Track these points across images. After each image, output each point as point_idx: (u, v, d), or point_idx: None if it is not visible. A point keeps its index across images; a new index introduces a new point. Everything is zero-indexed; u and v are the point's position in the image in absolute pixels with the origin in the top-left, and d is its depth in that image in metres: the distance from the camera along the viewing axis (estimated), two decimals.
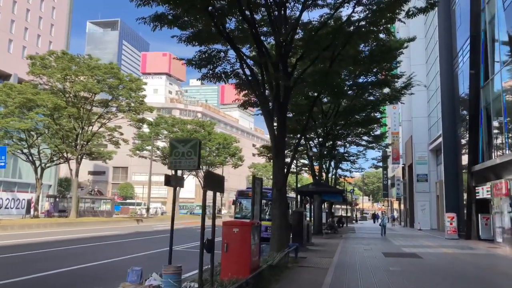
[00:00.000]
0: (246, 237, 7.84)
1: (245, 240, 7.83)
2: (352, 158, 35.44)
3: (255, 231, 8.32)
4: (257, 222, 8.48)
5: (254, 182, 9.79)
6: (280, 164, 13.28)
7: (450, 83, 27.65)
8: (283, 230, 13.09)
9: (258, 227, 8.51)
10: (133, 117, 32.83)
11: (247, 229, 7.90)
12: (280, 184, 13.19)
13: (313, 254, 15.23)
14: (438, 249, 18.26)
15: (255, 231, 8.27)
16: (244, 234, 7.85)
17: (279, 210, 13.07)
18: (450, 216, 24.98)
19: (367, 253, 16.00)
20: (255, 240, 8.22)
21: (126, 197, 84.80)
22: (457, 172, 26.66)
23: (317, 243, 20.27)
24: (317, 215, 28.20)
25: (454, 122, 27.21)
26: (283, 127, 13.48)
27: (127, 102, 32.53)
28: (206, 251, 6.65)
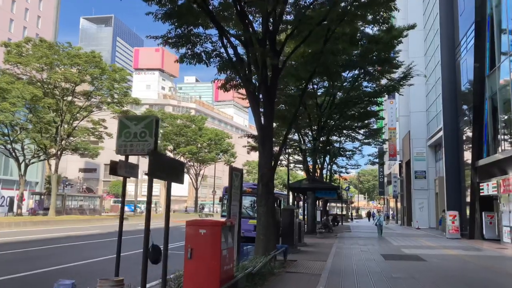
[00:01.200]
0: (216, 240, 6.19)
1: (214, 244, 6.18)
2: (348, 154, 33.89)
3: (228, 233, 6.68)
4: (230, 222, 6.82)
5: (231, 174, 8.14)
6: (267, 155, 11.64)
7: (452, 74, 26.12)
8: (270, 230, 11.47)
9: (231, 227, 6.86)
10: (115, 109, 30.96)
11: (216, 230, 6.25)
12: (267, 178, 11.56)
13: (305, 257, 13.62)
14: (441, 250, 16.71)
15: (228, 232, 6.63)
16: (213, 237, 6.20)
17: (265, 207, 11.45)
18: (452, 215, 23.46)
19: (364, 255, 14.42)
20: (228, 244, 6.58)
21: (118, 195, 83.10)
22: (459, 167, 25.16)
23: (310, 244, 18.67)
24: (311, 213, 26.60)
25: (455, 115, 25.68)
26: (271, 113, 11.84)
27: (110, 93, 30.69)
28: (151, 262, 4.99)
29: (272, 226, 11.54)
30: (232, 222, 6.92)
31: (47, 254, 13.55)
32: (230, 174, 8.13)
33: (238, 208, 8.67)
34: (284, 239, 14.86)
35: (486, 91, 21.19)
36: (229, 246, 6.59)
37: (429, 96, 37.04)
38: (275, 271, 9.97)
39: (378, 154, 43.14)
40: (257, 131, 11.78)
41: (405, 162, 42.36)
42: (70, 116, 30.88)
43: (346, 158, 33.81)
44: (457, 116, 25.61)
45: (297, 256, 13.85)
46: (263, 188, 11.56)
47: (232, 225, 6.87)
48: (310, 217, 26.51)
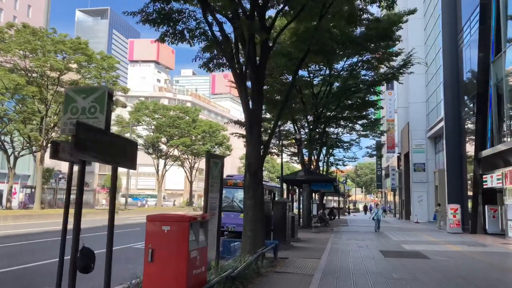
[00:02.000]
0: (182, 239, 5.08)
1: (181, 243, 5.07)
2: (345, 145, 32.77)
3: (200, 229, 5.58)
4: (202, 216, 5.70)
5: (208, 162, 7.01)
6: (255, 142, 10.53)
7: (454, 61, 24.98)
8: (258, 225, 10.38)
9: (204, 223, 5.74)
10: None
11: (183, 226, 5.13)
12: (255, 167, 10.46)
13: (298, 254, 12.55)
14: (443, 246, 15.67)
15: (199, 229, 5.52)
16: (180, 234, 5.10)
17: (253, 200, 10.36)
18: (453, 208, 22.43)
19: (362, 252, 13.37)
20: (200, 243, 5.47)
21: None
22: (461, 159, 24.10)
23: (304, 239, 17.62)
24: (306, 206, 25.56)
25: (457, 104, 24.58)
26: (259, 96, 10.70)
27: (97, 81, 29.38)
28: (79, 270, 3.87)
29: (260, 220, 10.46)
30: (205, 217, 5.80)
31: (21, 250, 12.46)
32: (207, 162, 6.99)
33: (218, 201, 7.56)
34: (276, 234, 13.79)
35: (491, 78, 20.08)
36: (201, 246, 5.48)
37: (429, 86, 35.94)
38: (262, 271, 8.89)
39: (376, 146, 42.08)
40: (244, 115, 10.65)
41: (403, 154, 41.37)
42: (57, 106, 29.59)
43: (343, 149, 32.75)
44: (459, 105, 24.51)
45: (290, 253, 12.78)
46: (250, 178, 10.46)
47: (204, 220, 5.75)
48: (305, 210, 25.48)
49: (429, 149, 36.35)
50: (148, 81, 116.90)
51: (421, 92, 37.15)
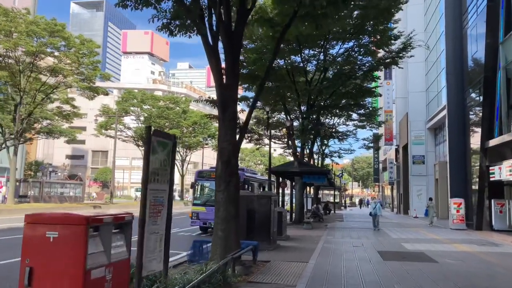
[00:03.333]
0: (76, 251, 3.30)
1: (74, 258, 3.29)
2: (341, 135, 30.96)
3: (116, 235, 3.79)
4: (116, 217, 3.89)
5: (149, 140, 5.18)
6: (228, 124, 8.73)
7: (458, 44, 23.16)
8: (231, 224, 8.62)
9: (125, 225, 3.94)
10: (80, 84, 27.70)
11: (77, 232, 3.35)
12: (228, 154, 8.67)
13: (282, 255, 10.81)
14: (449, 245, 13.96)
15: (110, 234, 3.73)
16: (72, 244, 3.31)
17: (225, 194, 8.58)
18: (457, 202, 20.76)
19: (357, 253, 11.63)
20: (113, 256, 3.68)
21: (105, 182, 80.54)
22: (465, 150, 22.36)
23: (294, 236, 15.89)
24: (298, 200, 23.83)
25: (461, 90, 22.80)
26: (234, 68, 8.88)
27: (75, 66, 27.35)
28: None
29: (234, 218, 8.67)
30: (120, 218, 4.00)
31: None
32: (147, 141, 5.16)
33: (168, 195, 5.73)
34: (259, 233, 12.03)
35: (500, 61, 18.28)
36: (115, 260, 3.70)
37: (429, 75, 34.19)
38: (232, 281, 7.12)
39: (373, 138, 40.27)
40: (216, 92, 8.84)
41: (402, 146, 39.69)
42: (33, 93, 27.60)
43: (339, 140, 30.98)
44: (463, 92, 22.72)
45: (274, 254, 11.04)
46: (222, 167, 8.67)
47: (124, 221, 3.95)
48: (297, 205, 23.76)
49: (429, 141, 34.69)
50: (142, 73, 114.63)
51: (420, 81, 35.43)
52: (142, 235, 5.03)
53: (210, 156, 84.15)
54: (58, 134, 40.07)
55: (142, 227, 5.05)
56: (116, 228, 3.84)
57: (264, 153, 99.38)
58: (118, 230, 3.85)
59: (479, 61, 20.42)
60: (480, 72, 20.31)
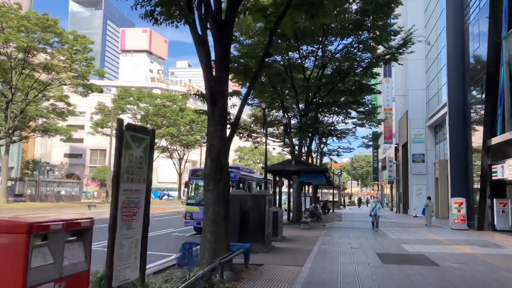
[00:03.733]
0: (15, 264, 2.77)
1: (12, 272, 2.76)
2: (340, 133, 30.40)
3: (71, 244, 3.26)
4: (69, 223, 3.36)
5: (121, 136, 4.65)
6: (218, 119, 8.20)
7: (459, 40, 22.61)
8: (221, 226, 8.09)
9: (85, 232, 3.41)
10: (73, 80, 27.12)
11: (17, 242, 2.81)
12: (217, 151, 8.14)
13: (276, 258, 10.29)
14: (451, 246, 13.45)
15: (63, 243, 3.20)
16: (10, 256, 2.78)
17: (214, 193, 8.06)
18: (458, 202, 20.25)
19: (355, 255, 11.11)
20: (67, 269, 3.15)
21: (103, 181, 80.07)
22: (466, 148, 21.83)
23: (290, 237, 15.38)
24: (296, 200, 23.32)
25: (463, 87, 22.26)
26: (223, 60, 8.35)
27: (68, 63, 26.76)
28: None
29: (224, 219, 8.15)
30: (79, 223, 3.47)
31: None
32: (119, 136, 4.63)
33: (145, 195, 5.20)
34: (252, 234, 11.52)
35: (503, 56, 17.75)
36: (70, 273, 3.17)
37: (430, 72, 33.67)
38: (219, 287, 6.60)
39: (372, 136, 39.73)
40: (205, 85, 8.31)
41: (401, 145, 39.16)
42: (25, 90, 27.01)
43: (337, 138, 30.44)
44: (464, 89, 22.19)
45: (267, 257, 10.52)
46: (211, 165, 8.14)
47: (80, 227, 3.42)
48: (295, 204, 23.25)
49: (429, 139, 34.18)
50: (140, 71, 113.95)
51: (421, 79, 34.90)
52: (112, 241, 4.51)
53: None
54: (53, 133, 39.56)
55: (112, 231, 4.53)
56: (73, 235, 3.31)
57: (263, 152, 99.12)
58: (75, 238, 3.33)
59: (481, 57, 19.89)
60: (482, 69, 19.80)
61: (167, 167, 70.99)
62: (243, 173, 18.69)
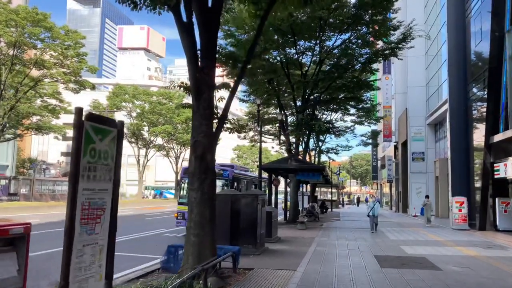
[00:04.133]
0: None
1: None
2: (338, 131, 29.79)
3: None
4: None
5: (80, 126, 4.04)
6: (203, 112, 7.60)
7: (460, 35, 22.03)
8: (206, 228, 7.48)
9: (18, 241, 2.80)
10: (64, 76, 26.46)
11: None
12: (203, 148, 7.53)
13: (268, 262, 9.70)
14: (453, 248, 12.86)
15: None
16: None
17: (199, 193, 7.45)
18: (459, 201, 19.65)
19: (352, 258, 10.52)
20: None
21: None
22: (467, 145, 21.27)
23: (285, 238, 14.79)
24: (293, 199, 22.73)
25: (464, 83, 21.67)
26: (209, 47, 7.74)
27: (59, 58, 26.11)
28: None
29: (210, 221, 7.54)
30: (7, 230, 2.87)
31: None
32: (77, 126, 4.03)
33: (112, 196, 4.58)
34: (244, 236, 10.93)
35: (506, 49, 17.15)
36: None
37: (430, 69, 33.06)
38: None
39: (371, 134, 39.13)
40: (189, 76, 7.70)
41: (401, 143, 38.57)
42: (16, 86, 26.37)
43: (335, 135, 29.82)
44: (466, 85, 21.60)
45: (259, 260, 9.93)
46: (196, 162, 7.53)
47: (7, 235, 2.81)
48: (291, 203, 22.67)
49: (429, 137, 33.60)
50: (137, 69, 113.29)
51: (420, 75, 34.32)
52: (69, 248, 3.92)
53: None
54: (47, 130, 38.96)
55: (69, 237, 3.93)
56: (4, 244, 2.72)
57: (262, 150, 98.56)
58: (7, 248, 2.73)
59: (483, 52, 19.30)
60: (484, 64, 19.22)
61: (164, 166, 70.47)
62: (237, 172, 18.08)
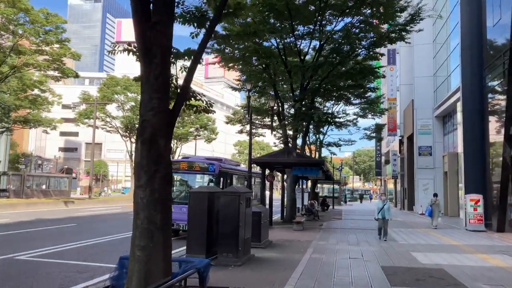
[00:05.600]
0: None
1: None
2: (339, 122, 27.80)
3: None
4: None
5: None
6: (154, 82, 5.60)
7: (475, 13, 19.86)
8: (157, 239, 5.49)
9: None
10: (40, 62, 24.40)
11: None
12: (152, 129, 5.54)
13: (250, 276, 7.75)
14: (473, 255, 10.88)
15: None
16: None
17: (148, 192, 5.46)
18: (474, 199, 17.64)
19: (355, 270, 8.56)
20: None
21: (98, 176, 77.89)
22: (483, 138, 19.20)
23: (278, 242, 12.85)
24: (290, 196, 20.77)
25: (479, 68, 19.56)
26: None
27: (35, 42, 24.11)
28: None
29: (162, 229, 5.54)
30: None
31: None
32: None
33: None
34: (223, 242, 9.01)
35: None
36: None
37: (438, 57, 31.01)
38: None
39: (375, 128, 37.06)
40: (136, 34, 5.71)
41: (406, 137, 36.55)
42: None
43: (336, 127, 27.87)
44: (481, 70, 19.51)
45: (238, 273, 7.99)
46: (143, 149, 5.55)
47: None
48: (288, 201, 20.72)
49: (436, 130, 31.60)
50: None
51: (428, 65, 32.28)
52: None
53: (205, 149, 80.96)
54: (35, 123, 37.19)
55: None
56: None
57: (263, 146, 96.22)
58: None
59: (503, 32, 17.21)
60: (503, 46, 17.15)
61: None
62: (226, 166, 16.12)
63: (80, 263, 9.41)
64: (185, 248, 9.42)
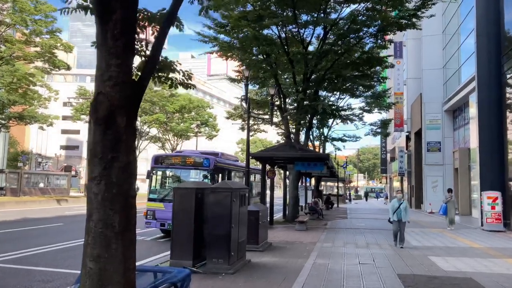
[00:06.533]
0: None
1: None
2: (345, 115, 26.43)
3: None
4: None
5: None
6: (113, 46, 4.31)
7: None
8: (115, 247, 4.21)
9: None
10: (27, 53, 23.16)
11: None
12: (109, 105, 4.25)
13: (242, 286, 6.48)
14: (502, 260, 9.57)
15: None
16: None
17: (102, 186, 4.17)
18: (491, 197, 16.31)
19: (367, 279, 7.27)
20: None
21: None
22: (501, 131, 17.83)
23: (278, 244, 11.58)
24: (292, 193, 19.48)
25: (497, 56, 18.16)
26: None
27: (24, 34, 22.92)
28: None
29: (122, 233, 4.25)
30: None
31: None
32: None
33: None
34: (213, 246, 7.74)
35: None
36: None
37: (448, 49, 29.58)
38: None
39: (381, 123, 35.70)
40: None
41: (414, 132, 35.17)
42: None
43: (342, 120, 26.55)
44: (498, 57, 18.12)
45: (229, 284, 6.71)
46: (97, 131, 4.25)
47: None
48: (290, 199, 19.43)
49: (446, 125, 30.20)
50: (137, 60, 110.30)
51: (437, 57, 30.85)
52: None
53: (208, 146, 79.75)
54: (31, 120, 36.09)
55: None
56: None
57: (267, 143, 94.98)
58: None
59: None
60: None
61: None
62: (222, 161, 14.84)
63: (50, 269, 8.20)
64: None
